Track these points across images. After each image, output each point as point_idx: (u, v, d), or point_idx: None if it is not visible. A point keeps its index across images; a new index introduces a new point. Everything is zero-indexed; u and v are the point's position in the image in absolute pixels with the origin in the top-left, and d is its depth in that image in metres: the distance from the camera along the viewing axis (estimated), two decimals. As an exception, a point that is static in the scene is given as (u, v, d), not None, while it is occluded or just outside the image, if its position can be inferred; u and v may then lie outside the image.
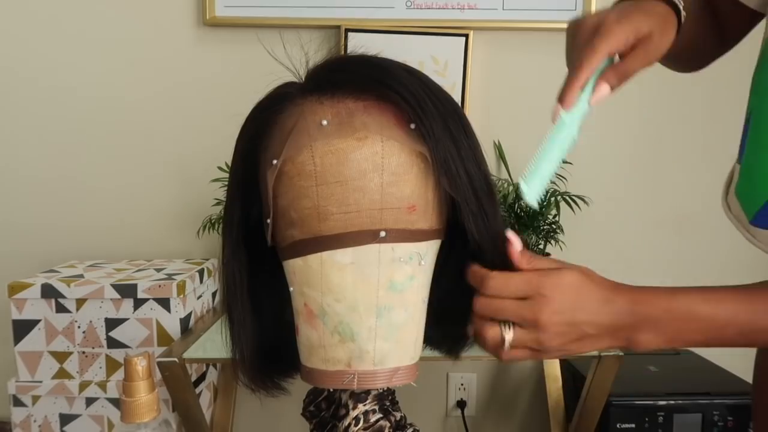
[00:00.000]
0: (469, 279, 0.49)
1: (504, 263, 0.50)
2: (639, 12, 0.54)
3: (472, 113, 1.48)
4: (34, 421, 1.22)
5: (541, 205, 1.37)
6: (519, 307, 0.47)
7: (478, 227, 0.49)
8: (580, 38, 0.54)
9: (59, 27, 1.47)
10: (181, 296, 1.20)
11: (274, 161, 0.48)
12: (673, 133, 1.51)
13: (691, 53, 0.71)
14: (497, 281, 0.48)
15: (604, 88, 0.53)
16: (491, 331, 0.48)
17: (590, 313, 0.48)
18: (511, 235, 0.49)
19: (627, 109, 1.52)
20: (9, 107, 1.50)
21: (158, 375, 1.05)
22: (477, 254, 0.51)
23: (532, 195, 0.49)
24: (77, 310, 1.19)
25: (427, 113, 0.47)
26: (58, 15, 1.47)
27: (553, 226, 1.39)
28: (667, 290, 0.50)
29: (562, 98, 0.52)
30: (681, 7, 0.56)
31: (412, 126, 0.48)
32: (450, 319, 0.55)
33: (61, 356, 1.21)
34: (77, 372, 1.22)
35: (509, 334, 0.47)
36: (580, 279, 0.49)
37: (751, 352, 0.80)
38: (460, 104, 1.45)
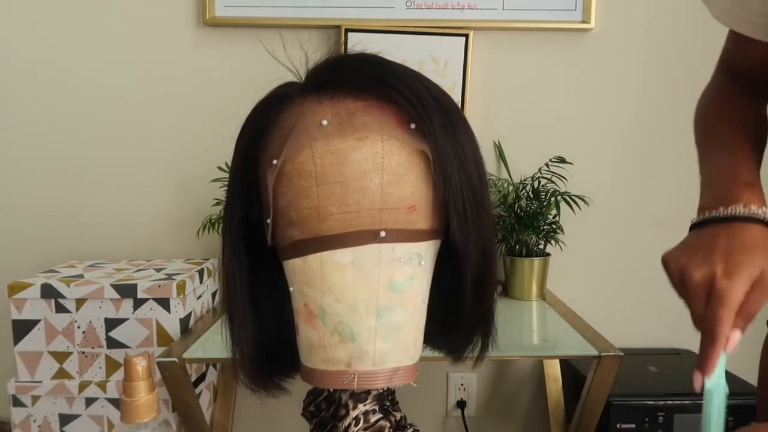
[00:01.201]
0: None
1: (485, 270, 0.51)
2: (743, 254, 0.53)
3: (472, 113, 1.49)
4: (34, 421, 1.22)
5: (541, 203, 1.37)
6: None
7: (461, 229, 0.49)
8: (692, 296, 0.55)
9: (59, 27, 1.47)
10: (181, 296, 1.19)
11: (274, 161, 0.48)
12: (673, 134, 1.51)
13: None
14: None
15: (737, 334, 0.53)
16: None
17: None
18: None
19: (627, 110, 1.52)
20: (9, 107, 1.50)
21: (158, 375, 1.04)
22: (459, 257, 0.51)
23: None
24: (77, 310, 1.19)
25: (428, 112, 0.47)
26: (58, 15, 1.47)
27: (553, 226, 1.40)
28: None
29: (703, 367, 0.53)
30: None
31: (413, 126, 0.48)
32: (450, 320, 0.55)
33: (60, 356, 1.21)
34: (77, 372, 1.22)
35: None
36: None
37: (752, 353, 0.80)
38: (460, 104, 1.46)
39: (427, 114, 0.47)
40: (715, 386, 0.53)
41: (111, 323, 1.20)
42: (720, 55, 0.75)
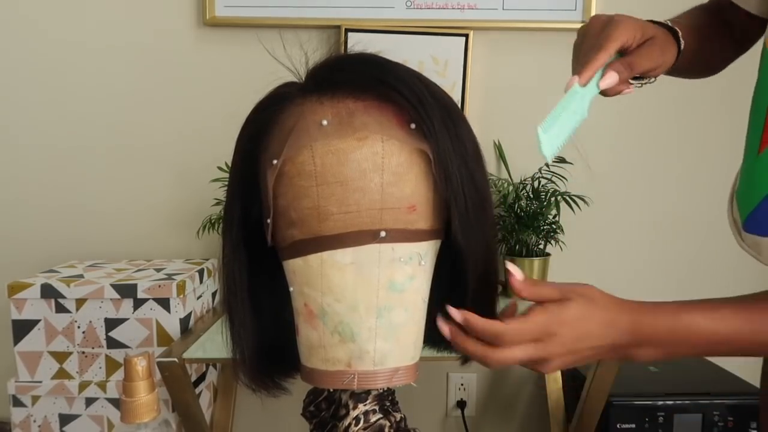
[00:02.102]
0: (479, 333, 0.49)
1: (486, 269, 0.51)
2: (646, 22, 0.60)
3: (472, 113, 1.48)
4: (34, 421, 1.22)
5: (541, 203, 1.37)
6: (532, 351, 0.48)
7: (463, 228, 0.49)
8: (592, 30, 0.59)
9: (59, 27, 1.47)
10: (181, 296, 1.19)
11: (274, 161, 0.48)
12: (673, 134, 1.51)
13: (705, 65, 0.75)
14: (511, 335, 0.48)
15: (613, 75, 0.57)
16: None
17: (593, 339, 0.49)
18: (511, 267, 0.50)
19: (627, 110, 1.52)
20: (9, 107, 1.50)
21: (158, 375, 1.04)
22: (460, 256, 0.51)
23: (548, 146, 0.50)
24: (77, 310, 1.19)
25: (428, 111, 0.48)
26: (58, 15, 1.47)
27: (553, 226, 1.39)
28: (671, 308, 0.51)
29: (580, 72, 0.55)
30: (680, 36, 0.62)
31: (413, 126, 0.48)
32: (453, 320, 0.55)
33: (60, 356, 1.21)
34: (77, 372, 1.21)
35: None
36: (584, 308, 0.49)
37: (751, 352, 0.80)
38: (460, 104, 1.46)
39: (427, 113, 0.47)
40: (580, 95, 0.54)
41: (111, 323, 1.20)
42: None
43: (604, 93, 0.58)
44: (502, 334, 0.48)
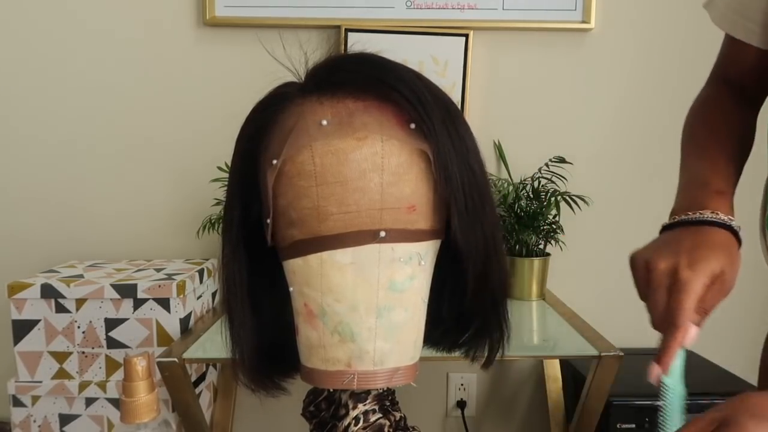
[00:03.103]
0: None
1: (486, 269, 0.50)
2: (707, 250, 0.55)
3: (472, 113, 1.49)
4: (34, 421, 1.22)
5: (541, 203, 1.37)
6: None
7: (462, 227, 0.49)
8: (655, 287, 0.56)
9: (59, 27, 1.47)
10: (181, 296, 1.19)
11: (274, 161, 0.48)
12: (673, 133, 1.51)
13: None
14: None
15: (695, 330, 0.54)
16: None
17: None
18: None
19: (627, 110, 1.52)
20: (9, 107, 1.50)
21: (158, 375, 1.05)
22: (460, 256, 0.51)
23: None
24: (77, 310, 1.19)
25: (428, 110, 0.47)
26: (58, 15, 1.47)
27: (553, 226, 1.40)
28: None
29: (661, 358, 0.53)
30: (739, 233, 0.58)
31: (412, 126, 0.48)
32: (460, 319, 0.55)
33: (60, 356, 1.21)
34: (77, 372, 1.21)
35: None
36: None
37: (751, 352, 0.80)
38: (460, 104, 1.46)
39: (427, 113, 0.47)
40: (673, 384, 0.53)
41: (111, 323, 1.20)
42: (714, 63, 0.77)
43: None
44: None
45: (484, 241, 0.50)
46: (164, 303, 1.19)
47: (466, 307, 0.53)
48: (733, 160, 0.67)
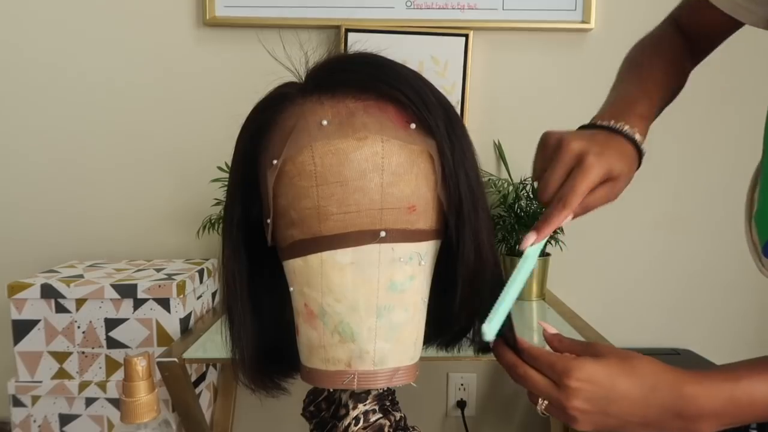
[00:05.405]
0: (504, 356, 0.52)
1: (478, 269, 0.51)
2: (613, 151, 0.58)
3: (472, 113, 1.48)
4: (34, 421, 1.22)
5: (541, 203, 1.37)
6: (548, 388, 0.49)
7: (459, 228, 0.50)
8: (560, 161, 0.57)
9: (59, 27, 1.47)
10: (181, 296, 1.20)
11: (275, 161, 0.48)
12: (673, 133, 1.51)
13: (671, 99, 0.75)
14: (529, 353, 0.51)
15: (569, 217, 0.56)
16: (531, 396, 0.51)
17: (630, 406, 0.48)
18: (544, 324, 0.54)
19: (627, 109, 1.52)
20: (8, 107, 1.50)
21: (158, 375, 1.05)
22: (455, 256, 0.51)
23: (491, 333, 0.49)
24: (77, 310, 1.19)
25: (431, 110, 0.48)
26: (58, 15, 1.47)
27: (553, 226, 1.39)
28: (728, 377, 0.49)
29: (540, 229, 0.55)
30: (643, 151, 0.61)
31: (413, 126, 0.48)
32: (451, 320, 0.55)
33: (60, 356, 1.21)
34: (77, 372, 1.22)
35: (541, 406, 0.50)
36: (612, 371, 0.48)
37: (751, 353, 0.80)
38: (460, 104, 1.46)
39: (431, 112, 0.48)
40: (533, 253, 0.54)
41: (111, 323, 1.20)
42: (676, 7, 0.78)
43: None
44: (523, 353, 0.52)
45: (477, 243, 0.51)
46: (164, 303, 1.19)
47: (463, 306, 0.53)
48: (662, 92, 0.70)
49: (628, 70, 0.75)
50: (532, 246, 0.55)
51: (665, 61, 0.72)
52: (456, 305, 0.53)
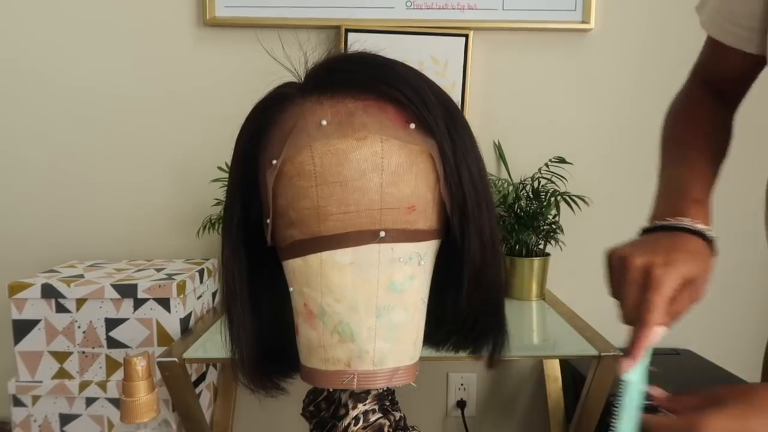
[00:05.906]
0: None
1: (483, 268, 0.51)
2: (683, 254, 0.56)
3: (472, 113, 1.49)
4: (34, 421, 1.22)
5: (541, 203, 1.37)
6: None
7: (461, 228, 0.50)
8: (629, 282, 0.56)
9: (59, 27, 1.47)
10: (181, 296, 1.20)
11: (274, 161, 0.48)
12: (673, 133, 1.51)
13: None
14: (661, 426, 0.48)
15: (661, 331, 0.54)
16: None
17: None
18: (651, 389, 0.52)
19: (627, 110, 1.52)
20: (8, 107, 1.50)
21: (158, 375, 1.05)
22: (461, 254, 0.51)
23: None
24: (77, 310, 1.19)
25: (431, 109, 0.48)
26: (58, 15, 1.47)
27: (553, 226, 1.39)
28: None
29: (632, 353, 0.53)
30: (715, 244, 0.59)
31: (412, 126, 0.48)
32: (465, 319, 0.55)
33: (61, 356, 1.21)
34: (77, 372, 1.22)
35: None
36: (739, 413, 0.47)
37: (751, 353, 0.80)
38: (460, 104, 1.46)
39: (431, 112, 0.48)
40: (634, 379, 0.53)
41: (111, 323, 1.20)
42: (695, 63, 0.77)
43: None
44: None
45: (482, 241, 0.51)
46: (164, 303, 1.19)
47: (465, 306, 0.53)
48: (712, 166, 0.68)
49: (670, 151, 0.73)
50: (630, 371, 0.53)
51: (705, 128, 0.71)
52: (461, 302, 0.53)
